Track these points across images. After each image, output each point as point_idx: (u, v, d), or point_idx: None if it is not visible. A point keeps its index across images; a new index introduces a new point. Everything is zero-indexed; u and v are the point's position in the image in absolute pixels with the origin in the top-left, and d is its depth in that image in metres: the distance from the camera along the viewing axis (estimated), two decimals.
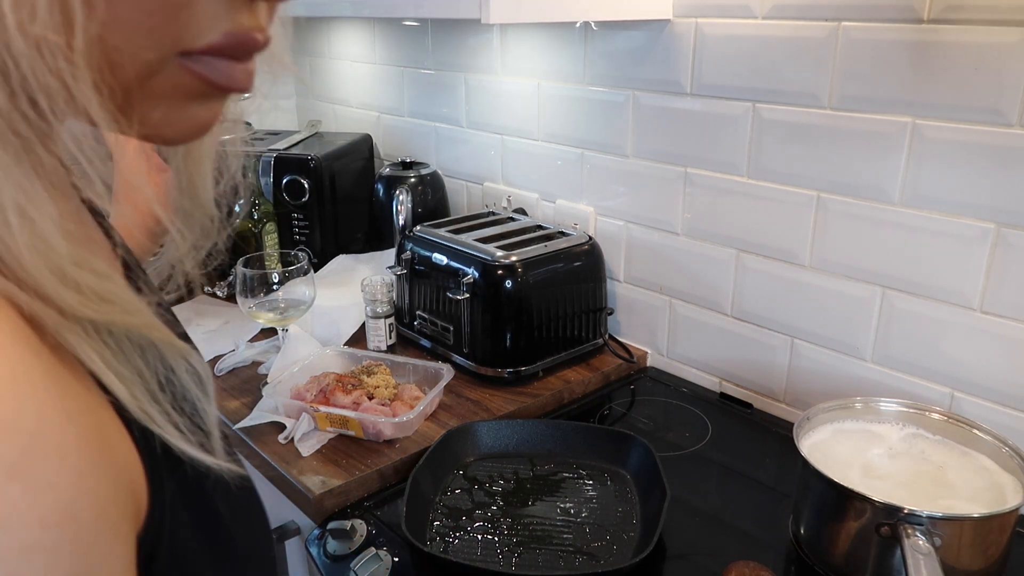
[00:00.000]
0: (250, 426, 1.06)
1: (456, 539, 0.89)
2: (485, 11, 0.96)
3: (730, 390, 1.24)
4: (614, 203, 1.32)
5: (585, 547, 0.87)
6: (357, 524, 0.91)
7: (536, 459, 1.04)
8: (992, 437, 0.85)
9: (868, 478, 0.83)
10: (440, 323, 1.25)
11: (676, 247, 1.25)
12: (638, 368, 1.32)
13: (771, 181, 1.10)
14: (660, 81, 1.19)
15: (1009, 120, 0.86)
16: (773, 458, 1.07)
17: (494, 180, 1.55)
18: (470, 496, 0.96)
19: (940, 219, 0.95)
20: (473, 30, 1.50)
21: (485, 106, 1.52)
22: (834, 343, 1.09)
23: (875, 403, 0.92)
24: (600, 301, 1.29)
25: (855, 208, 1.02)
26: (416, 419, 1.06)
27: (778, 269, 1.12)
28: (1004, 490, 0.80)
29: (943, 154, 0.92)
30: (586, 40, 1.29)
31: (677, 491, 0.92)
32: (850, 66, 0.98)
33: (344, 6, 1.27)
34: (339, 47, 1.90)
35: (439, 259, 1.24)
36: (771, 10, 1.04)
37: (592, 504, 0.95)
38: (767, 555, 0.88)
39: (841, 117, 1.00)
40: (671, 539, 0.89)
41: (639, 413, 1.19)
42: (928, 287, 0.97)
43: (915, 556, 0.70)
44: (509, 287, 1.17)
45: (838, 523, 0.80)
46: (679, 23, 1.15)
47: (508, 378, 1.20)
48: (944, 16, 0.89)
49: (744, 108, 1.10)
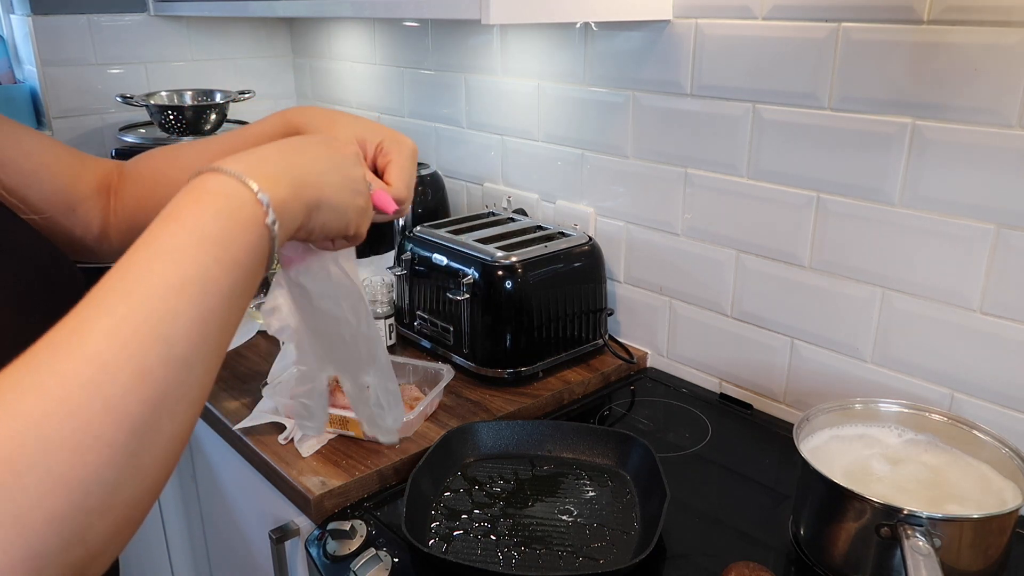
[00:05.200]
0: (250, 426, 1.06)
1: (456, 540, 0.89)
2: (485, 11, 0.96)
3: (730, 391, 1.24)
4: (614, 204, 1.32)
5: (585, 547, 0.87)
6: (357, 525, 0.91)
7: (536, 460, 1.04)
8: (992, 438, 0.85)
9: (868, 481, 0.84)
10: (440, 324, 1.25)
11: (676, 248, 1.25)
12: (638, 369, 1.32)
13: (771, 182, 1.10)
14: (660, 82, 1.19)
15: (1009, 121, 0.87)
16: (773, 459, 1.07)
17: (494, 181, 1.55)
18: (470, 496, 0.96)
19: (940, 220, 0.95)
20: (473, 30, 1.50)
21: (485, 107, 1.52)
22: (834, 344, 1.09)
23: (875, 404, 0.92)
24: (600, 302, 1.29)
25: (855, 209, 1.02)
26: (416, 420, 1.06)
27: (778, 270, 1.12)
28: (1003, 491, 0.80)
29: (943, 155, 0.92)
30: (586, 41, 1.29)
31: (677, 492, 0.92)
32: (850, 67, 0.98)
33: (344, 7, 1.27)
34: (339, 48, 1.90)
35: (439, 259, 1.24)
36: (771, 11, 1.04)
37: (592, 504, 0.95)
38: (767, 555, 0.88)
39: (841, 118, 1.00)
40: (671, 539, 0.89)
41: (639, 414, 1.19)
42: (928, 288, 0.97)
43: (915, 557, 0.70)
44: (509, 287, 1.17)
45: (838, 524, 0.80)
46: (679, 24, 1.15)
47: (508, 379, 1.20)
48: (944, 17, 0.89)
49: (744, 109, 1.10)
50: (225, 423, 1.09)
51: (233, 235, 0.46)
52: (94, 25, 1.80)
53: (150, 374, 0.40)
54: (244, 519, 1.21)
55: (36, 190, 0.71)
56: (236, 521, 1.23)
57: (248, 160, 0.50)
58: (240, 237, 0.46)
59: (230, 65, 2.01)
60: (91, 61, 1.81)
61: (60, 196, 0.73)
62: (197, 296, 0.43)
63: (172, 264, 0.43)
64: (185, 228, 0.45)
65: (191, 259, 0.43)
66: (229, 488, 1.23)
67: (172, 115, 1.71)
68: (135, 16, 1.85)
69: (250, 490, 1.12)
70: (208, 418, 1.15)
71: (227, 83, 1.97)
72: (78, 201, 0.74)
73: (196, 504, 1.40)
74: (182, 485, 1.42)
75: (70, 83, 1.80)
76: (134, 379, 0.39)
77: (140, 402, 0.39)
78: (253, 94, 1.83)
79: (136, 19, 1.85)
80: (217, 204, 0.46)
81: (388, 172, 0.66)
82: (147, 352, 0.40)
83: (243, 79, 2.02)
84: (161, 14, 1.86)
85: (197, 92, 1.87)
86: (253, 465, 1.06)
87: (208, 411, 1.14)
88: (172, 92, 1.85)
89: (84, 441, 0.37)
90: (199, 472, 1.34)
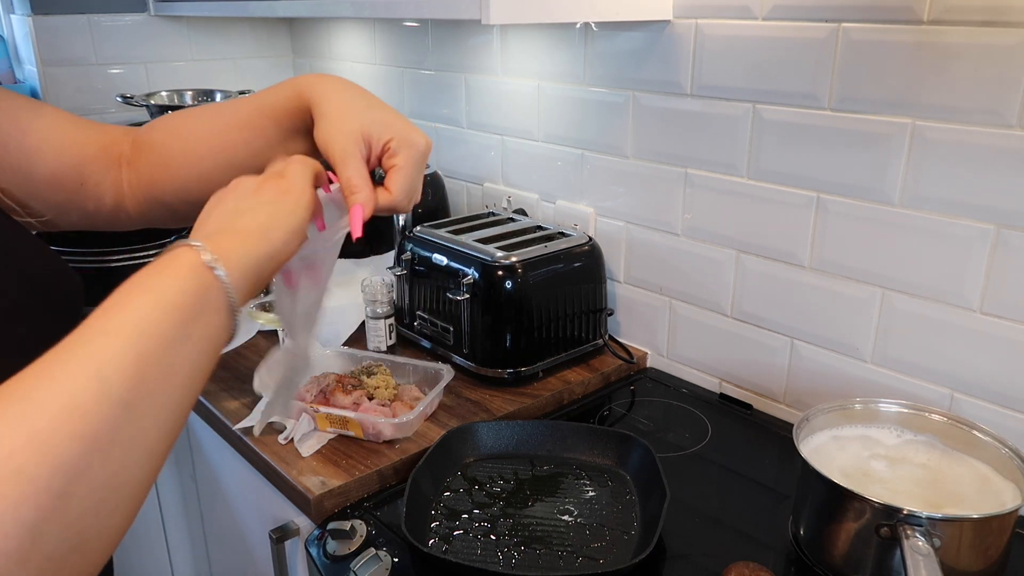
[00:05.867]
0: (250, 426, 1.06)
1: (456, 539, 0.89)
2: (485, 12, 0.96)
3: (730, 391, 1.24)
4: (614, 204, 1.32)
5: (585, 547, 0.87)
6: (357, 524, 0.91)
7: (536, 460, 1.04)
8: (992, 438, 0.85)
9: (868, 481, 0.84)
10: (440, 323, 1.25)
11: (676, 248, 1.25)
12: (638, 369, 1.32)
13: (771, 182, 1.10)
14: (660, 82, 1.19)
15: (1009, 121, 0.87)
16: (773, 459, 1.07)
17: (494, 181, 1.55)
18: (470, 496, 0.96)
19: (940, 220, 0.95)
20: (473, 31, 1.50)
21: (485, 107, 1.52)
22: (834, 344, 1.09)
23: (875, 404, 0.92)
24: (600, 302, 1.29)
25: (855, 209, 1.02)
26: (416, 420, 1.06)
27: (778, 270, 1.12)
28: (1003, 491, 0.80)
29: (943, 155, 0.92)
30: (586, 41, 1.29)
31: (677, 492, 0.92)
32: (850, 67, 0.98)
33: (344, 7, 1.27)
34: (339, 48, 1.91)
35: (439, 259, 1.24)
36: (771, 11, 1.04)
37: (592, 504, 0.95)
38: (767, 555, 0.88)
39: (841, 118, 1.00)
40: (671, 539, 0.89)
41: (639, 414, 1.19)
42: (928, 288, 0.98)
43: (915, 557, 0.70)
44: (509, 288, 1.17)
45: (838, 524, 0.80)
46: (679, 24, 1.15)
47: (508, 379, 1.20)
48: (944, 17, 0.89)
49: (744, 109, 1.10)
50: (225, 423, 1.09)
51: (168, 280, 0.47)
52: (94, 25, 1.80)
53: (81, 409, 0.38)
54: (244, 519, 1.21)
55: (41, 167, 0.68)
56: (236, 521, 1.23)
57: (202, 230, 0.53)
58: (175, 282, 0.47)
59: (230, 65, 2.01)
60: (91, 61, 1.81)
61: (67, 172, 0.70)
62: (133, 336, 0.43)
63: (110, 310, 0.44)
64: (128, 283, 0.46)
65: (126, 304, 0.44)
66: (229, 488, 1.23)
67: None
68: (135, 16, 1.85)
69: (250, 490, 1.12)
70: (208, 418, 1.16)
71: (227, 83, 1.97)
72: (87, 175, 0.71)
73: (196, 504, 1.40)
74: (182, 485, 1.42)
75: (70, 83, 1.80)
76: (64, 412, 0.38)
77: (69, 437, 0.37)
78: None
79: (136, 19, 1.85)
80: (159, 260, 0.48)
81: (392, 177, 0.63)
82: (79, 387, 0.39)
83: (243, 79, 2.02)
84: (161, 14, 1.86)
85: (197, 92, 1.87)
86: (253, 465, 1.06)
87: (208, 411, 1.14)
88: (172, 92, 1.85)
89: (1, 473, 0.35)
90: (199, 472, 1.34)
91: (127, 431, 0.41)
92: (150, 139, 0.75)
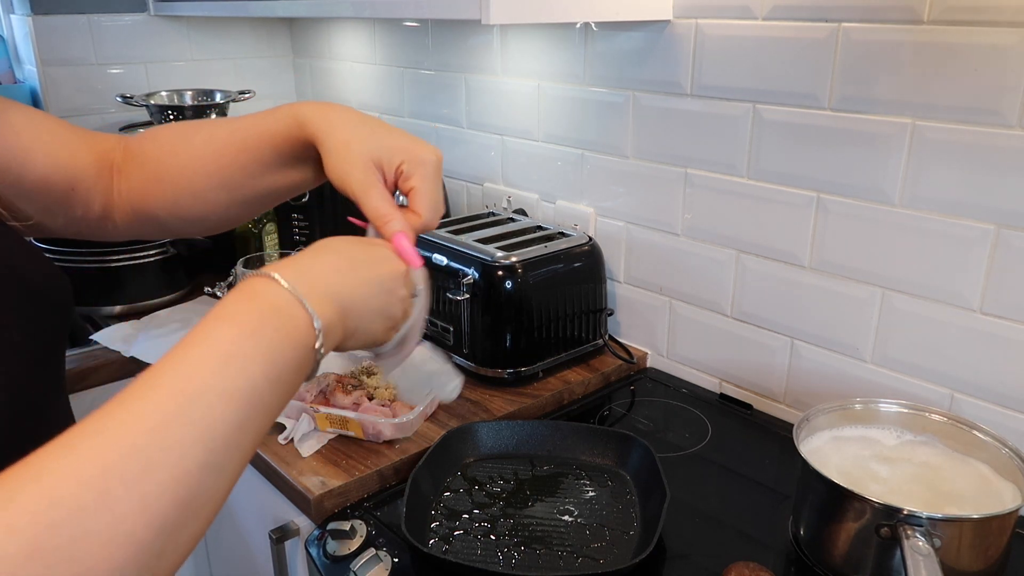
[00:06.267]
0: None
1: (456, 539, 0.89)
2: (485, 12, 0.96)
3: (730, 391, 1.24)
4: (614, 204, 1.32)
5: (585, 548, 0.87)
6: (357, 525, 0.91)
7: (536, 460, 1.04)
8: (992, 438, 0.85)
9: (868, 481, 0.84)
10: (440, 323, 1.25)
11: (676, 248, 1.25)
12: (638, 369, 1.32)
13: (771, 182, 1.10)
14: (660, 82, 1.19)
15: (1009, 121, 0.87)
16: (773, 459, 1.07)
17: (494, 181, 1.55)
18: (470, 497, 0.96)
19: (940, 220, 0.95)
20: (473, 30, 1.50)
21: (485, 107, 1.52)
22: (834, 344, 1.09)
23: (875, 404, 0.92)
24: (600, 302, 1.29)
25: (855, 209, 1.02)
26: (416, 420, 1.06)
27: (778, 270, 1.12)
28: (1003, 491, 0.80)
29: (943, 155, 0.92)
30: (586, 41, 1.29)
31: (677, 492, 0.92)
32: (850, 67, 0.98)
33: (344, 7, 1.27)
34: (339, 48, 1.90)
35: (439, 259, 1.24)
36: (771, 11, 1.04)
37: (592, 504, 0.95)
38: (767, 555, 0.88)
39: (841, 118, 1.00)
40: (671, 539, 0.89)
41: (639, 414, 1.19)
42: (928, 288, 0.97)
43: (915, 557, 0.70)
44: (509, 288, 1.17)
45: (838, 524, 0.80)
46: (679, 24, 1.15)
47: (508, 379, 1.20)
48: (944, 17, 0.89)
49: (744, 109, 1.10)
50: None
51: (285, 354, 0.47)
52: (94, 25, 1.80)
53: (187, 477, 0.40)
54: (244, 519, 1.21)
55: (30, 169, 0.67)
56: (236, 521, 1.23)
57: (305, 276, 0.51)
58: (291, 356, 0.48)
59: (230, 65, 2.01)
60: (91, 61, 1.81)
61: (58, 174, 0.69)
62: (243, 407, 0.44)
63: (225, 369, 0.44)
64: (242, 335, 0.46)
65: (241, 369, 0.44)
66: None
67: (172, 115, 1.71)
68: (135, 16, 1.85)
69: (250, 490, 1.12)
70: None
71: (227, 83, 1.97)
72: (78, 180, 0.71)
73: None
74: None
75: (70, 83, 1.80)
76: (172, 480, 0.39)
77: (173, 504, 0.39)
78: (253, 94, 1.83)
79: (136, 19, 1.85)
80: (275, 321, 0.48)
81: (413, 199, 0.63)
82: (187, 455, 0.40)
83: (243, 79, 2.02)
84: (161, 14, 1.86)
85: (197, 92, 1.87)
86: (253, 465, 1.06)
87: None
88: (172, 92, 1.85)
89: (116, 537, 0.36)
90: None
91: (217, 492, 0.43)
92: (142, 151, 0.75)
